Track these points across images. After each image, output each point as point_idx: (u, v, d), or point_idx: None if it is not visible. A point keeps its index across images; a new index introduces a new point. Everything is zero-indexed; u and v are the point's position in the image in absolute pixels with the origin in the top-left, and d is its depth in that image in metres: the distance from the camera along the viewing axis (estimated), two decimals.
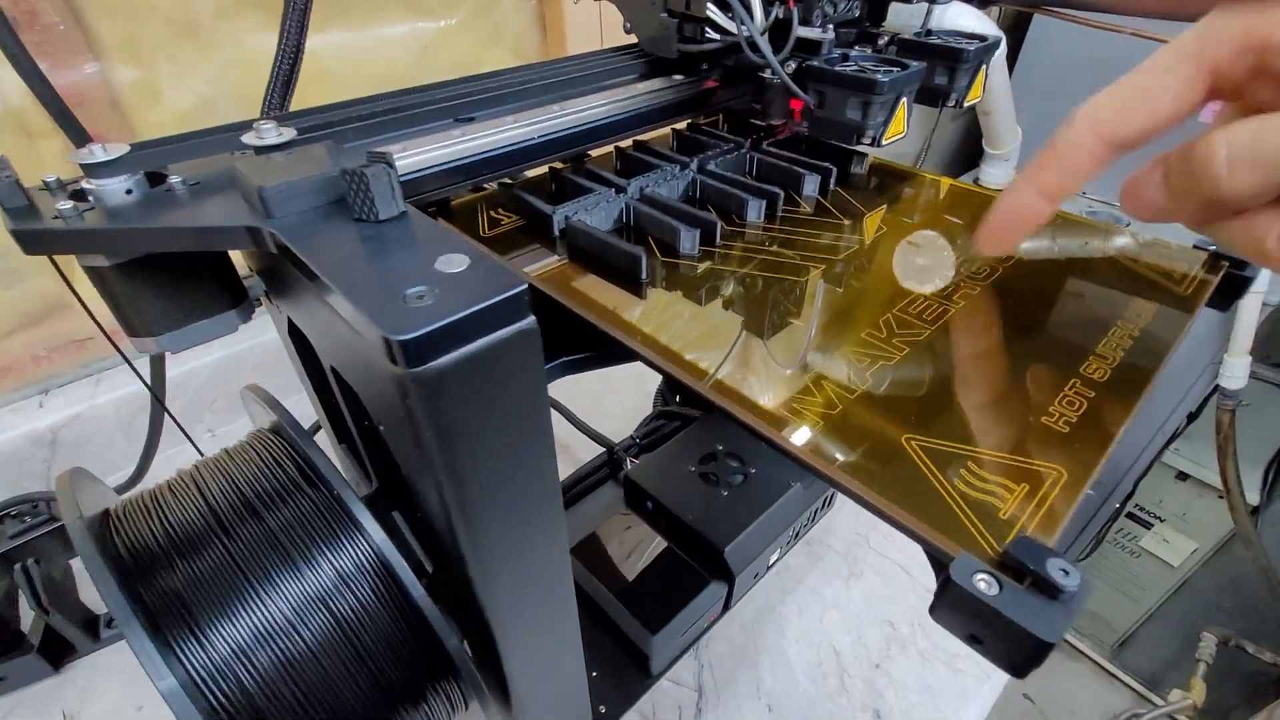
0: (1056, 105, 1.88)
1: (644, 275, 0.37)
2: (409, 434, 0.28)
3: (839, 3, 0.47)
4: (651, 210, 0.42)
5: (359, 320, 0.25)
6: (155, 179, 0.36)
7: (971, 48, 0.51)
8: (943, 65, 0.53)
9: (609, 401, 1.02)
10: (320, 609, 0.35)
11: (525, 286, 0.26)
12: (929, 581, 0.23)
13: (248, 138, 0.37)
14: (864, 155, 0.53)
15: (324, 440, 0.48)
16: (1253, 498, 1.75)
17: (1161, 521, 2.07)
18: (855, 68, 0.46)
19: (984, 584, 0.21)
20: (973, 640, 0.22)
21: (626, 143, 0.52)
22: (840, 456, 0.26)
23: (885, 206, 0.48)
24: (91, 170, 0.34)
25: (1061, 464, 0.26)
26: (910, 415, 0.28)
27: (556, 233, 0.41)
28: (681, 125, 0.56)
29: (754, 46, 0.42)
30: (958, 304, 0.36)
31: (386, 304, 0.25)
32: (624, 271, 0.38)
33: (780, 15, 0.45)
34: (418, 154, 0.40)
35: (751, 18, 0.44)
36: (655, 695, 0.67)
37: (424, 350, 0.25)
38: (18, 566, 0.61)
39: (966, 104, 0.55)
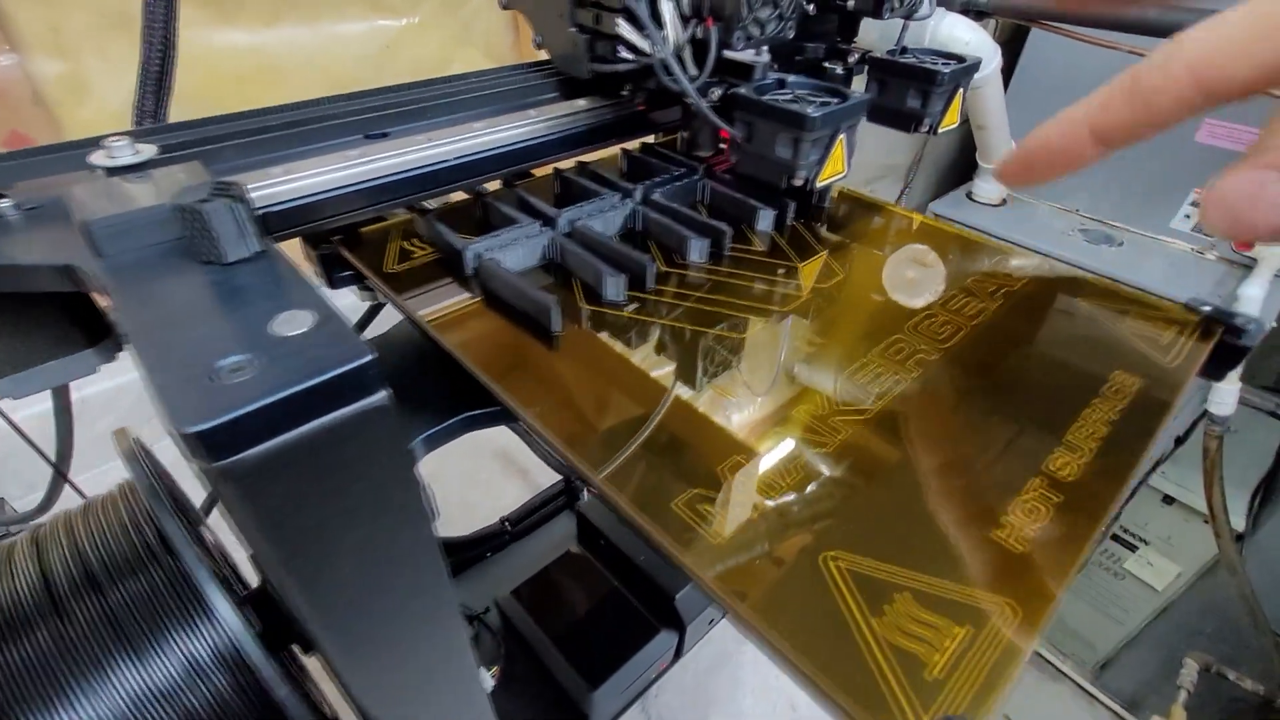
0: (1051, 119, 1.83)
1: (554, 327, 0.32)
2: (238, 529, 0.23)
3: (767, 22, 0.41)
4: (578, 249, 0.37)
5: (155, 401, 0.21)
6: None
7: (947, 69, 0.46)
8: (915, 88, 0.48)
9: None
10: (161, 706, 0.30)
11: (372, 358, 0.22)
12: None
13: (96, 157, 0.32)
14: (828, 188, 0.49)
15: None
16: (1238, 524, 1.72)
17: (1146, 544, 2.05)
18: (790, 97, 0.41)
19: None
20: None
21: (570, 163, 0.47)
22: (741, 578, 0.21)
23: (848, 247, 0.43)
24: None
25: (1013, 596, 0.21)
26: (836, 524, 0.23)
27: (469, 271, 0.37)
28: (634, 145, 0.51)
29: (669, 70, 0.37)
30: (911, 372, 0.31)
31: (187, 381, 0.21)
32: (535, 321, 0.33)
33: (699, 34, 0.39)
34: (314, 175, 0.35)
35: (664, 37, 0.38)
36: None
37: (232, 440, 0.20)
38: None
39: (941, 130, 0.51)
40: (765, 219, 0.43)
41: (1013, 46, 1.76)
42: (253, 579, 0.37)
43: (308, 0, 0.81)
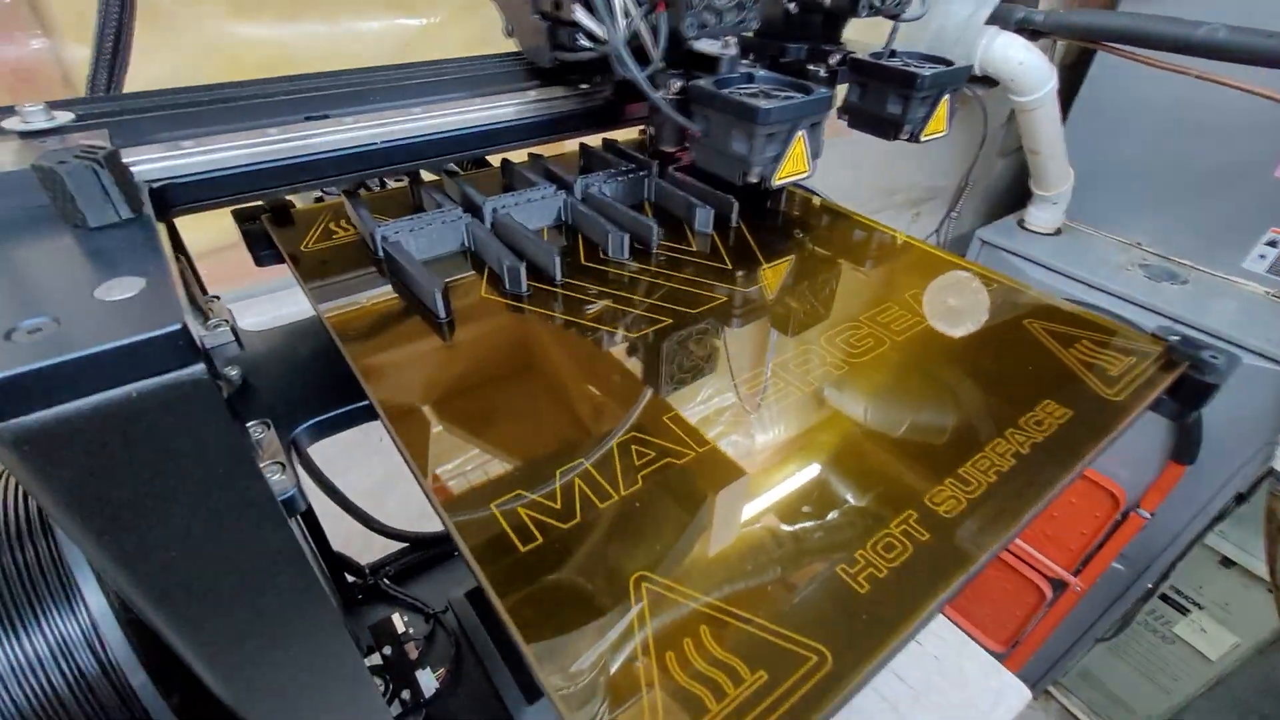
0: (1114, 147, 1.73)
1: (440, 313, 0.31)
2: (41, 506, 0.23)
3: (724, 10, 0.38)
4: (488, 238, 0.35)
5: None
6: None
7: (928, 73, 0.43)
8: (896, 92, 0.45)
9: None
10: (26, 679, 0.30)
11: (177, 328, 0.21)
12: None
13: (9, 122, 0.32)
14: (779, 189, 0.46)
15: None
16: None
17: (1200, 609, 1.88)
18: (753, 91, 0.38)
19: None
20: None
21: (523, 156, 0.46)
22: (527, 594, 0.19)
23: (792, 253, 0.40)
24: None
25: (829, 644, 0.18)
26: (655, 543, 0.21)
27: (380, 253, 0.36)
28: (597, 141, 0.49)
29: (621, 59, 0.35)
30: (808, 386, 0.28)
31: None
32: (424, 305, 0.32)
33: (654, 22, 0.37)
34: (225, 150, 0.35)
35: (616, 25, 0.36)
36: None
37: (12, 400, 0.19)
38: None
39: (924, 138, 0.47)
40: (703, 218, 0.40)
41: (1076, 70, 1.68)
42: None
43: None
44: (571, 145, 0.48)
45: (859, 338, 0.32)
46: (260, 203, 0.41)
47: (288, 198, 0.41)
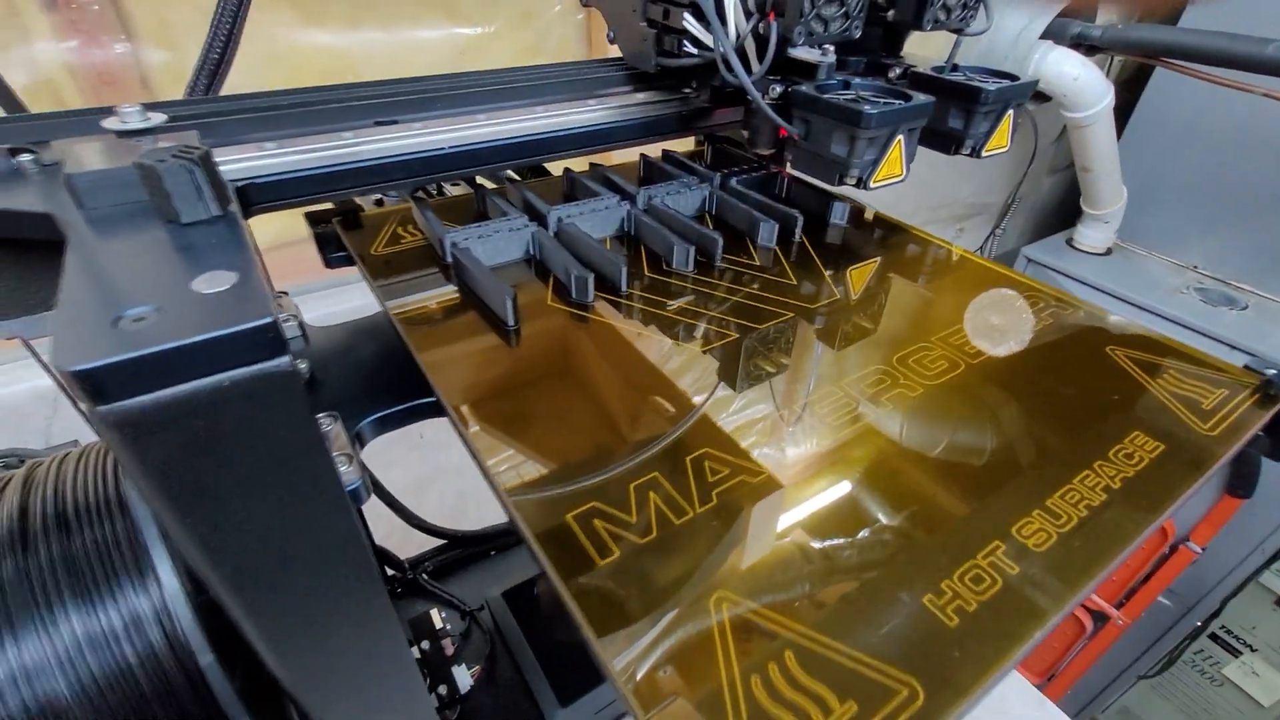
0: (1170, 166, 1.68)
1: (510, 321, 0.31)
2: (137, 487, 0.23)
3: (830, 20, 0.39)
4: (555, 246, 0.36)
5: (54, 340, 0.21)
6: (13, 152, 0.33)
7: (992, 88, 0.42)
8: (958, 106, 0.44)
9: None
10: (99, 652, 0.31)
11: (269, 321, 0.21)
12: None
13: (108, 122, 0.34)
14: (845, 203, 0.45)
15: None
16: None
17: (1253, 651, 1.80)
18: (851, 97, 0.38)
19: None
20: None
21: (583, 165, 0.47)
22: (608, 604, 0.19)
23: (856, 269, 0.40)
24: None
25: (921, 679, 0.17)
26: (734, 562, 0.20)
27: (448, 259, 0.36)
28: (657, 152, 0.50)
29: (728, 64, 0.35)
30: (885, 406, 0.27)
31: (87, 323, 0.21)
32: (493, 313, 0.32)
33: (762, 30, 0.38)
34: (304, 153, 0.36)
35: (727, 32, 0.38)
36: None
37: (116, 384, 0.20)
38: None
39: (986, 154, 0.46)
40: (767, 233, 0.40)
41: (1133, 87, 1.63)
42: None
43: (387, 8, 0.85)
44: (621, 156, 0.48)
45: (932, 359, 0.31)
46: (330, 205, 0.42)
47: (358, 201, 0.42)
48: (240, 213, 0.30)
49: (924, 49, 0.52)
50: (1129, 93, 1.58)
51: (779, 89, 0.41)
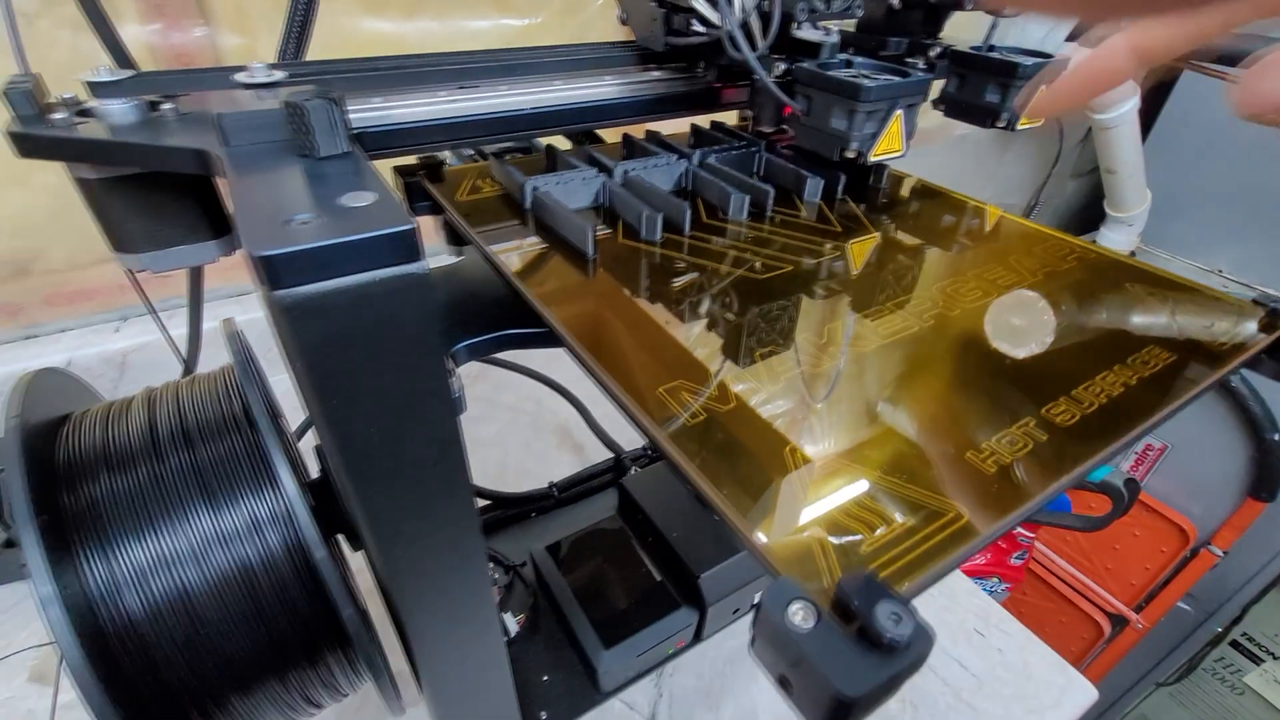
0: (1196, 170, 1.68)
1: (590, 251, 0.35)
2: (292, 370, 0.27)
3: None
4: (625, 193, 0.40)
5: (241, 237, 0.25)
6: (153, 105, 0.38)
7: (1029, 63, 0.46)
8: (995, 82, 0.48)
9: None
10: (223, 548, 0.35)
11: (412, 226, 0.25)
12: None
13: (240, 76, 0.38)
14: (884, 168, 0.49)
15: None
16: None
17: (1275, 659, 1.78)
18: (853, 74, 0.42)
19: (799, 615, 0.17)
20: (783, 684, 0.18)
21: (640, 131, 0.51)
22: (705, 451, 0.23)
23: (898, 226, 0.44)
24: (96, 89, 0.37)
25: (964, 506, 0.21)
26: (805, 427, 0.24)
27: (528, 204, 0.40)
28: (705, 121, 0.54)
29: (734, 41, 0.39)
30: (929, 322, 0.31)
31: (266, 224, 0.25)
32: (573, 245, 0.36)
33: (766, 7, 0.41)
34: (407, 107, 0.41)
35: (732, 9, 0.41)
36: (605, 714, 0.63)
37: (290, 272, 0.24)
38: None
39: (1020, 127, 0.50)
40: (813, 188, 0.44)
41: (1159, 90, 1.64)
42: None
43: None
44: (671, 126, 0.52)
45: (969, 287, 0.35)
46: (414, 160, 0.46)
47: (442, 155, 0.46)
48: (363, 152, 0.35)
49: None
50: (1155, 94, 1.60)
51: (782, 67, 0.45)
